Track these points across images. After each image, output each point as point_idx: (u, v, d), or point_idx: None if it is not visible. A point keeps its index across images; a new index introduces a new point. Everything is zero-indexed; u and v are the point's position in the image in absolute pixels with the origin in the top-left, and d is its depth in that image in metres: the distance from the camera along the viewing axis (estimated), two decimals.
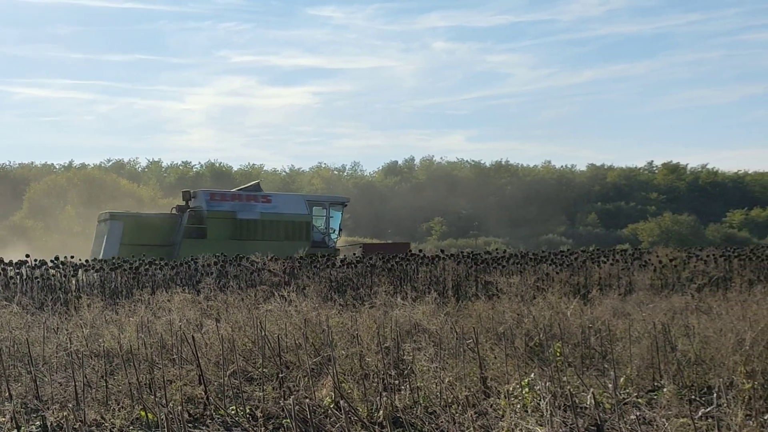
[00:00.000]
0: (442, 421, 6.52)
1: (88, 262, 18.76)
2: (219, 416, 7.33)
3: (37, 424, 7.26)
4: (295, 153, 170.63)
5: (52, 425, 6.71)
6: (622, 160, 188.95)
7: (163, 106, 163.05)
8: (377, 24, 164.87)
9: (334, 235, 34.46)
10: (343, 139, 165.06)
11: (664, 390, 7.43)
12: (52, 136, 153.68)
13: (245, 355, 9.21)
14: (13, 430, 7.00)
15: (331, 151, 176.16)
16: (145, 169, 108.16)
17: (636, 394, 7.55)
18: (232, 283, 16.60)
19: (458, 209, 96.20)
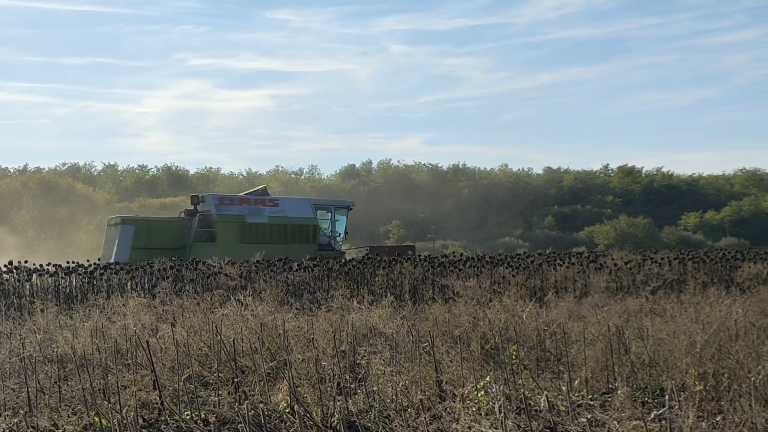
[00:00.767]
0: (397, 425, 6.54)
1: (42, 266, 18.55)
2: (174, 421, 7.26)
3: None
4: (252, 156, 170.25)
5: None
6: (578, 164, 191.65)
7: (120, 110, 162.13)
8: (334, 27, 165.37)
9: (339, 238, 35.16)
10: (301, 143, 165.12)
11: (618, 392, 7.49)
12: (7, 140, 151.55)
13: (201, 360, 9.15)
14: None
15: (289, 155, 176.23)
16: (101, 173, 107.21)
17: (590, 397, 7.62)
18: (188, 287, 16.47)
19: (416, 212, 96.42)
